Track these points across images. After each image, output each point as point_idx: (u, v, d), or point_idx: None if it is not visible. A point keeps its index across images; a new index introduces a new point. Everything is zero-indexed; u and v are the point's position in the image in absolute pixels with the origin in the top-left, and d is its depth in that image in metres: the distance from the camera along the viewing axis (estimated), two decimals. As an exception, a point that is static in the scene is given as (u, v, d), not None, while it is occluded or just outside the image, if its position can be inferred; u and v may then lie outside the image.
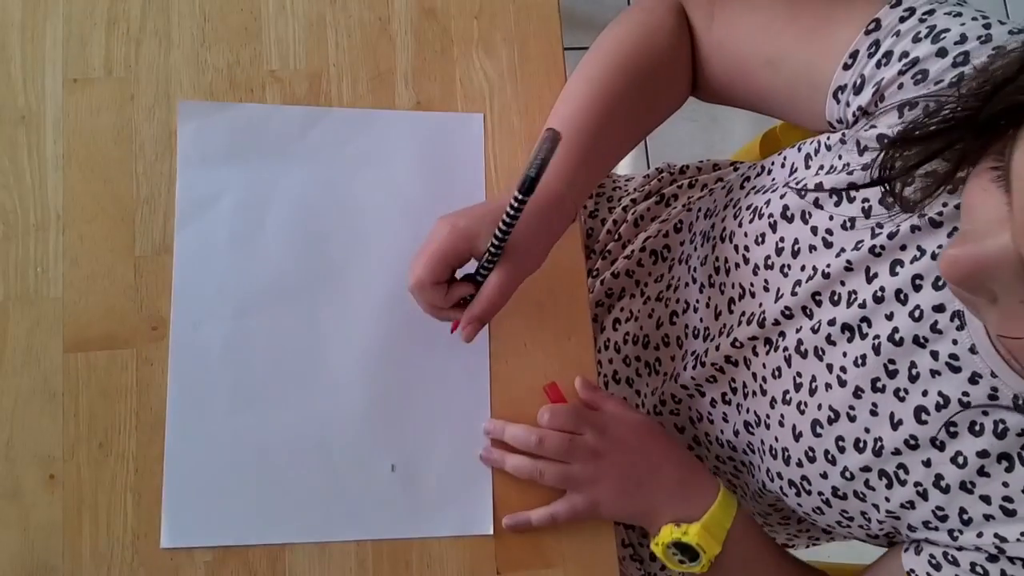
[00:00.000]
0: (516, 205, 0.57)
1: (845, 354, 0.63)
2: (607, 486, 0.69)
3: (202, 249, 0.70)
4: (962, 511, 0.59)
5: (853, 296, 0.62)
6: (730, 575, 0.71)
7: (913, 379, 0.59)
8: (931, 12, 0.59)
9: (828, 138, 0.66)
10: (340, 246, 0.72)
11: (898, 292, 0.59)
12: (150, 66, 0.72)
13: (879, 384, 0.61)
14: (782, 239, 0.66)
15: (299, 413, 0.69)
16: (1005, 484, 0.56)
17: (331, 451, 0.69)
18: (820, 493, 0.67)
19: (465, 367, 0.72)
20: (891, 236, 0.59)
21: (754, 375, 0.71)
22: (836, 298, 0.63)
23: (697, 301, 0.77)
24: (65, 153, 0.70)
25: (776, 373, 0.68)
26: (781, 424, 0.68)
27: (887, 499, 0.63)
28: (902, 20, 0.59)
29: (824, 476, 0.66)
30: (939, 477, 0.59)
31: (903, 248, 0.59)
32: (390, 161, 0.74)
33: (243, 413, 0.68)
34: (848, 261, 0.61)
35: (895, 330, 0.59)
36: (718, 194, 0.79)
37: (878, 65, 0.59)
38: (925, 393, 0.59)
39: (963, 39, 0.56)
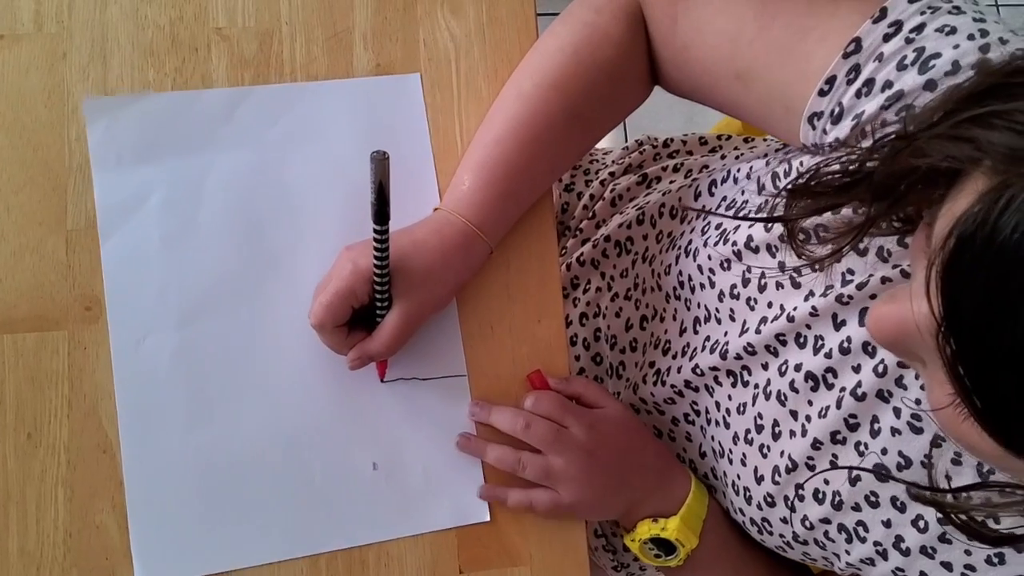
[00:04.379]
0: (377, 237, 0.55)
1: (811, 403, 0.59)
2: (593, 485, 0.65)
3: (133, 258, 0.64)
4: (923, 575, 0.56)
5: (820, 342, 0.58)
6: (701, 564, 0.69)
7: (875, 434, 0.56)
8: (920, 28, 0.51)
9: (801, 163, 0.59)
10: (284, 234, 0.66)
11: (865, 344, 0.55)
12: (85, 21, 0.66)
13: (839, 436, 0.58)
14: (748, 269, 0.62)
15: (264, 422, 0.64)
16: (967, 552, 0.53)
17: (305, 458, 0.64)
18: (781, 535, 0.64)
19: (440, 353, 0.67)
20: (860, 287, 0.55)
21: (717, 404, 0.68)
22: (802, 341, 0.59)
23: (664, 311, 0.73)
24: (-10, 116, 0.64)
25: (741, 409, 0.65)
26: (743, 463, 0.65)
27: (847, 552, 0.60)
28: (886, 39, 0.52)
29: (785, 521, 0.63)
30: (899, 539, 0.56)
31: (872, 298, 0.55)
32: (325, 136, 0.68)
33: (203, 430, 0.63)
34: (814, 307, 0.57)
35: (859, 384, 0.56)
36: (686, 194, 0.73)
37: (858, 95, 0.53)
38: (885, 451, 0.56)
39: (955, 68, 0.49)
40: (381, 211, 0.54)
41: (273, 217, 0.66)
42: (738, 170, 0.68)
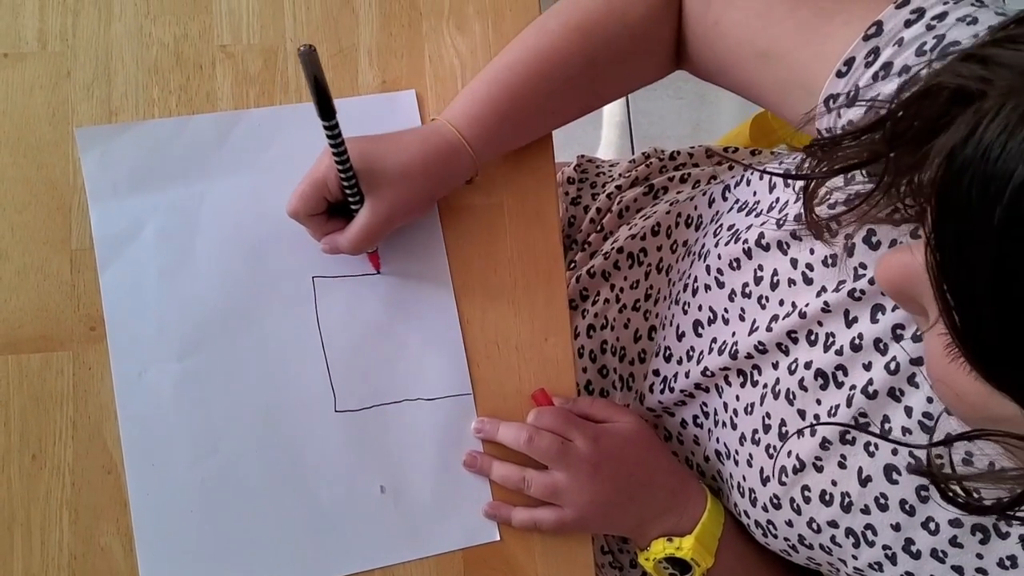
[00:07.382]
0: (329, 133, 0.55)
1: (819, 401, 0.59)
2: (599, 501, 0.64)
3: (131, 290, 0.63)
4: None
5: (831, 339, 0.57)
6: None
7: (884, 435, 0.55)
8: (942, 16, 0.51)
9: None
10: (283, 258, 0.65)
11: (877, 341, 0.55)
12: (89, 40, 0.66)
13: (848, 436, 0.57)
14: (760, 267, 0.62)
15: (270, 449, 0.63)
16: (979, 556, 0.52)
17: (312, 484, 0.63)
18: (786, 539, 0.63)
19: (444, 373, 0.66)
20: (872, 282, 0.54)
21: (725, 404, 0.67)
22: (813, 338, 0.59)
23: (671, 318, 0.72)
24: (-6, 135, 0.64)
25: (748, 409, 0.64)
26: (749, 464, 0.64)
27: (854, 556, 0.59)
28: (908, 24, 0.52)
29: (790, 524, 0.62)
30: (909, 542, 0.56)
31: (884, 293, 0.54)
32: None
33: (208, 461, 0.62)
34: (826, 303, 0.57)
35: (870, 382, 0.55)
36: (700, 202, 0.73)
37: (875, 78, 0.53)
38: (895, 452, 0.55)
39: None
40: (324, 106, 0.52)
41: (270, 242, 0.65)
42: (751, 173, 0.67)
